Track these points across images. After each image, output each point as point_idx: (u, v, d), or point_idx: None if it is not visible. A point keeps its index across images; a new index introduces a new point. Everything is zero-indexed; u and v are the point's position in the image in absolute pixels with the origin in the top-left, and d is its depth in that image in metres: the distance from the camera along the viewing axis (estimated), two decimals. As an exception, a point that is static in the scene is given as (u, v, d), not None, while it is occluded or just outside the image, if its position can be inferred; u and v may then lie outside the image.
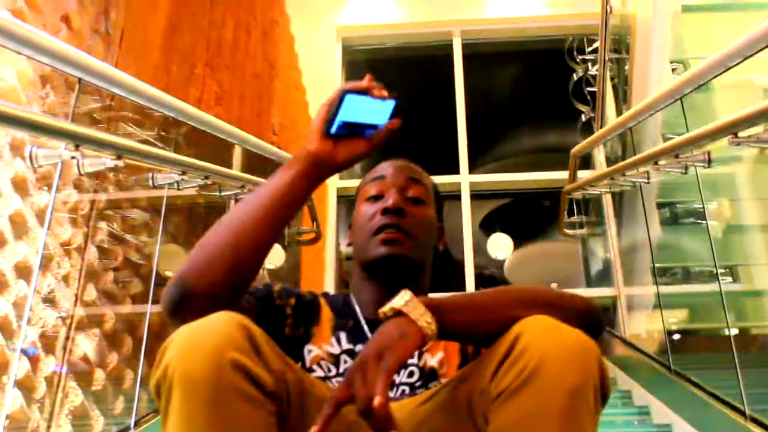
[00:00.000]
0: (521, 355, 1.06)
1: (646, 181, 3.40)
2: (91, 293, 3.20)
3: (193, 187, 3.15)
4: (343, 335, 1.56)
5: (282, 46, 5.25)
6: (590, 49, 6.49)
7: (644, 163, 3.19)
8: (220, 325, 1.07)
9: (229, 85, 4.36)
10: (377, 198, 1.68)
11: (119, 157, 2.43)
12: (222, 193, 3.51)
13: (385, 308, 1.19)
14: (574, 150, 4.33)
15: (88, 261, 3.22)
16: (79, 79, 2.30)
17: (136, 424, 2.83)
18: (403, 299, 1.18)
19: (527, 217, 8.58)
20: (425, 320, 1.16)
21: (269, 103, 4.82)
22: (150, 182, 2.93)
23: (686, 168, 2.84)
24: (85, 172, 2.39)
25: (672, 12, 4.08)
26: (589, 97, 6.18)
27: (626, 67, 5.12)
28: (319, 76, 6.64)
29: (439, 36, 7.61)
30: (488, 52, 7.65)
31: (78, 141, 2.20)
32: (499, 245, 8.51)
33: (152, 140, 3.61)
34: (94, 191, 3.31)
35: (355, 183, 1.87)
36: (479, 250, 7.79)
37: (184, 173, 2.98)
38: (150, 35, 3.71)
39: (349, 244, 1.75)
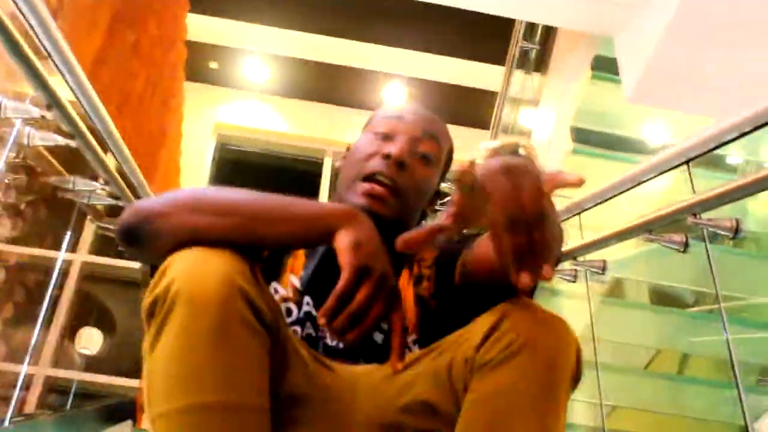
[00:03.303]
0: (509, 331, 1.06)
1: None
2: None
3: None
4: (312, 265, 1.42)
5: (173, 119, 5.21)
6: (443, 200, 6.83)
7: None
8: (226, 253, 1.05)
9: (129, 135, 4.25)
10: (385, 137, 1.49)
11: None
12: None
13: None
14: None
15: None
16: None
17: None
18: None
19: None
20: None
21: (155, 169, 4.73)
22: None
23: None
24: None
25: (565, 150, 4.49)
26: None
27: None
28: (191, 165, 6.59)
29: (312, 152, 7.77)
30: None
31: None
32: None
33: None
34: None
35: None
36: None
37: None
38: (83, 57, 3.60)
39: (338, 167, 1.56)
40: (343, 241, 1.09)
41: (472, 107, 7.58)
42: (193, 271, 1.01)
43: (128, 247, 1.20)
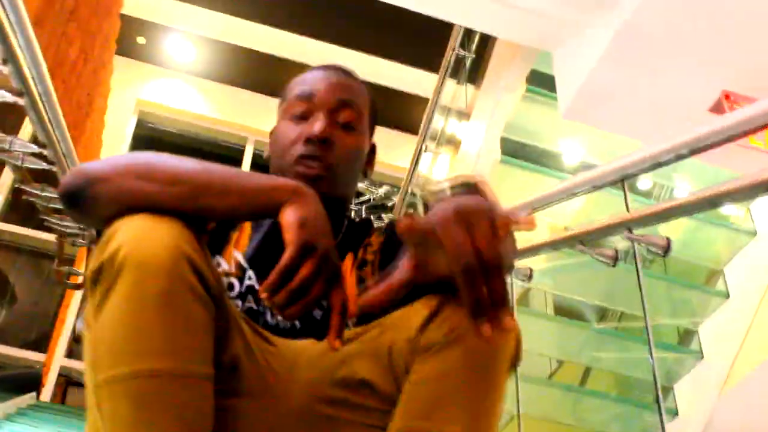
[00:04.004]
0: (452, 314, 1.07)
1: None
2: None
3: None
4: (257, 239, 1.41)
5: (101, 90, 5.10)
6: (359, 200, 6.91)
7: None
8: (174, 221, 1.04)
9: (59, 101, 4.16)
10: (302, 118, 1.46)
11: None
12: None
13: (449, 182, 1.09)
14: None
15: None
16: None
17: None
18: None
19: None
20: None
21: (79, 138, 4.61)
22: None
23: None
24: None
25: (493, 160, 4.60)
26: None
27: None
28: (111, 139, 6.45)
29: (234, 138, 7.71)
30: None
31: None
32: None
33: None
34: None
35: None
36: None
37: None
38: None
39: (268, 157, 1.54)
40: (289, 216, 1.08)
41: (401, 111, 7.64)
42: (141, 238, 1.00)
43: (70, 209, 1.17)
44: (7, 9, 2.13)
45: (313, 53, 7.21)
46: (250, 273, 1.37)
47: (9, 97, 2.38)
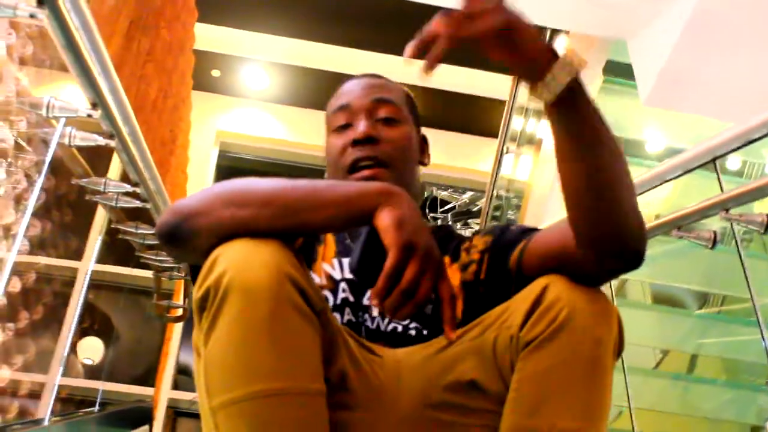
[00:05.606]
0: (552, 306, 1.08)
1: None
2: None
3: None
4: (345, 261, 1.44)
5: (182, 126, 5.22)
6: (443, 208, 6.93)
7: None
8: (273, 242, 1.06)
9: (145, 140, 4.26)
10: (345, 127, 1.52)
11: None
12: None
13: None
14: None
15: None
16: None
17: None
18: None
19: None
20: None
21: (165, 176, 4.72)
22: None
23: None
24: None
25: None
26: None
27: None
28: (196, 173, 6.59)
29: (314, 159, 7.80)
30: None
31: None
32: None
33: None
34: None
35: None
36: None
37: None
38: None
39: (327, 177, 1.60)
40: (384, 219, 1.10)
41: (479, 116, 7.62)
42: (243, 261, 1.02)
43: (169, 246, 1.20)
44: (93, 55, 2.19)
45: (384, 68, 7.18)
46: (343, 285, 1.40)
47: (101, 140, 2.46)
